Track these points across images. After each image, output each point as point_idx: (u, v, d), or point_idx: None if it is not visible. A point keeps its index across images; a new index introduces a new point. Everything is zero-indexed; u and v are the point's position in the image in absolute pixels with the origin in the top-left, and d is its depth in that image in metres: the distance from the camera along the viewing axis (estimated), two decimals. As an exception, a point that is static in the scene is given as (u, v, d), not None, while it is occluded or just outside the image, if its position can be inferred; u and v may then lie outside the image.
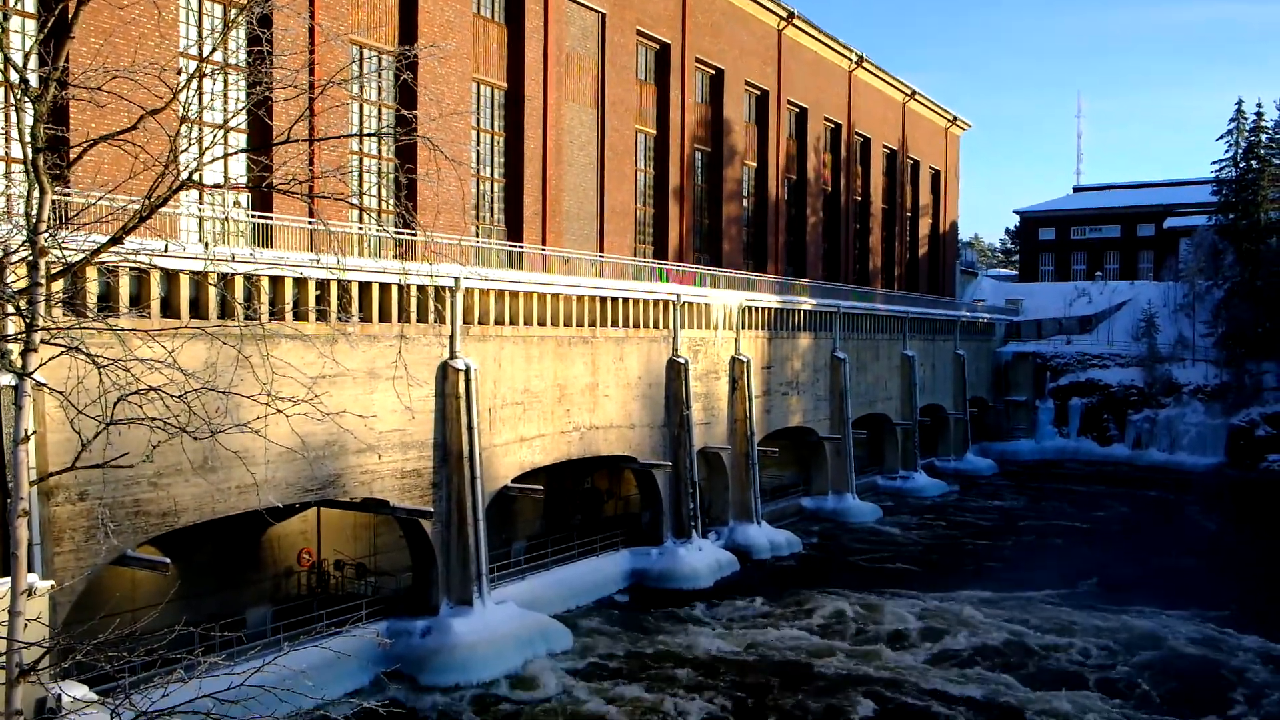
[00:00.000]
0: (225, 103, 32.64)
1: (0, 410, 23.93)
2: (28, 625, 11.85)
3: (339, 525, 38.33)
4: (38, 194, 11.17)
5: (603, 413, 45.56)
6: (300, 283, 31.50)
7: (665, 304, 49.70)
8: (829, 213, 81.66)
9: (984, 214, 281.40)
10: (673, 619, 41.85)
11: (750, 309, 57.26)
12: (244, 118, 32.73)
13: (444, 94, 42.38)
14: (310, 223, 32.45)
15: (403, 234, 35.60)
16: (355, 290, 33.58)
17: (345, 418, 29.86)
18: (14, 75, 11.21)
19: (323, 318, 32.08)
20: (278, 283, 30.94)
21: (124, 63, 28.29)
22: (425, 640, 35.13)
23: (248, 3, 13.91)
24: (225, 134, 30.63)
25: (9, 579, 11.70)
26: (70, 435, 23.95)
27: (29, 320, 11.16)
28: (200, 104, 28.75)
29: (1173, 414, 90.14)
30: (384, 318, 34.75)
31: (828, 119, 79.67)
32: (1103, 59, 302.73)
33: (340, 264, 30.95)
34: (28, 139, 11.22)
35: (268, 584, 35.88)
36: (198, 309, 28.61)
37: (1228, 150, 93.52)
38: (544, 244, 48.78)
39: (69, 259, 11.82)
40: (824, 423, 65.68)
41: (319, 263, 26.73)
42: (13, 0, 27.64)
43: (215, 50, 16.28)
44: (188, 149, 12.81)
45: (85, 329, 15.07)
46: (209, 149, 13.26)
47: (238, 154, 26.37)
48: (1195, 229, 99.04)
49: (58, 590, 24.98)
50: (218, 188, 15.03)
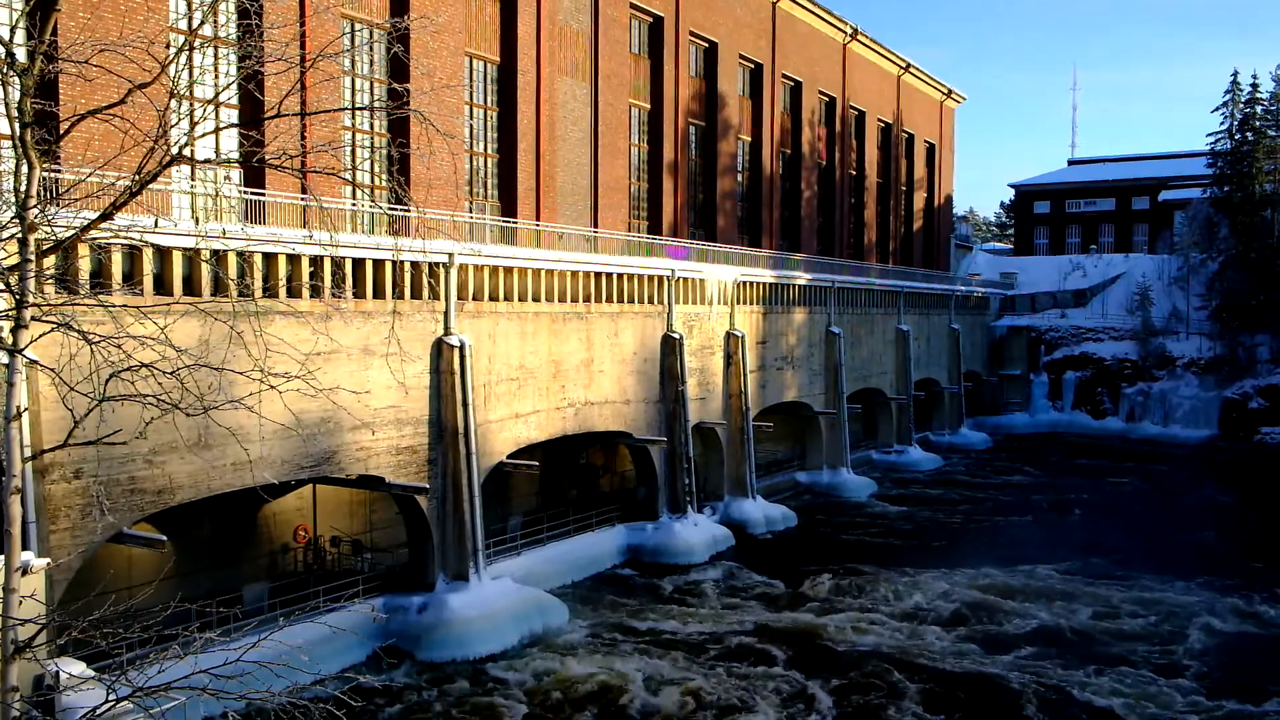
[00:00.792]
0: (215, 77, 32.37)
1: (-7, 388, 23.83)
2: (23, 602, 11.80)
3: (335, 502, 38.34)
4: (26, 169, 11.05)
5: (598, 388, 45.54)
6: (294, 259, 31.36)
7: (660, 279, 49.59)
8: (824, 187, 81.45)
9: (979, 188, 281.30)
10: (668, 594, 41.97)
11: (745, 284, 57.15)
12: (234, 92, 32.51)
13: (436, 68, 42.10)
14: (303, 199, 32.26)
15: (396, 210, 35.43)
16: (349, 267, 33.43)
17: (340, 394, 29.80)
18: (0, 49, 11.08)
19: (316, 294, 31.95)
20: (271, 259, 30.79)
21: (112, 36, 28.03)
22: (422, 616, 35.19)
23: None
24: (216, 109, 30.44)
25: (3, 556, 11.67)
26: (64, 413, 23.90)
27: (19, 297, 11.06)
28: (190, 78, 28.54)
29: (1166, 387, 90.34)
30: (378, 294, 34.63)
31: (822, 93, 79.33)
32: (1099, 32, 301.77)
33: (334, 240, 30.80)
34: (15, 114, 11.10)
35: (264, 561, 35.91)
36: (191, 286, 28.47)
37: (1223, 122, 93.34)
38: (538, 219, 48.61)
39: (59, 235, 11.72)
40: (819, 397, 65.73)
41: (312, 239, 26.59)
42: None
43: (205, 23, 16.10)
44: (178, 124, 12.70)
45: (77, 305, 14.97)
46: (199, 123, 13.14)
47: (228, 129, 26.18)
48: (1190, 202, 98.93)
49: (54, 568, 24.97)
50: (208, 163, 14.90)
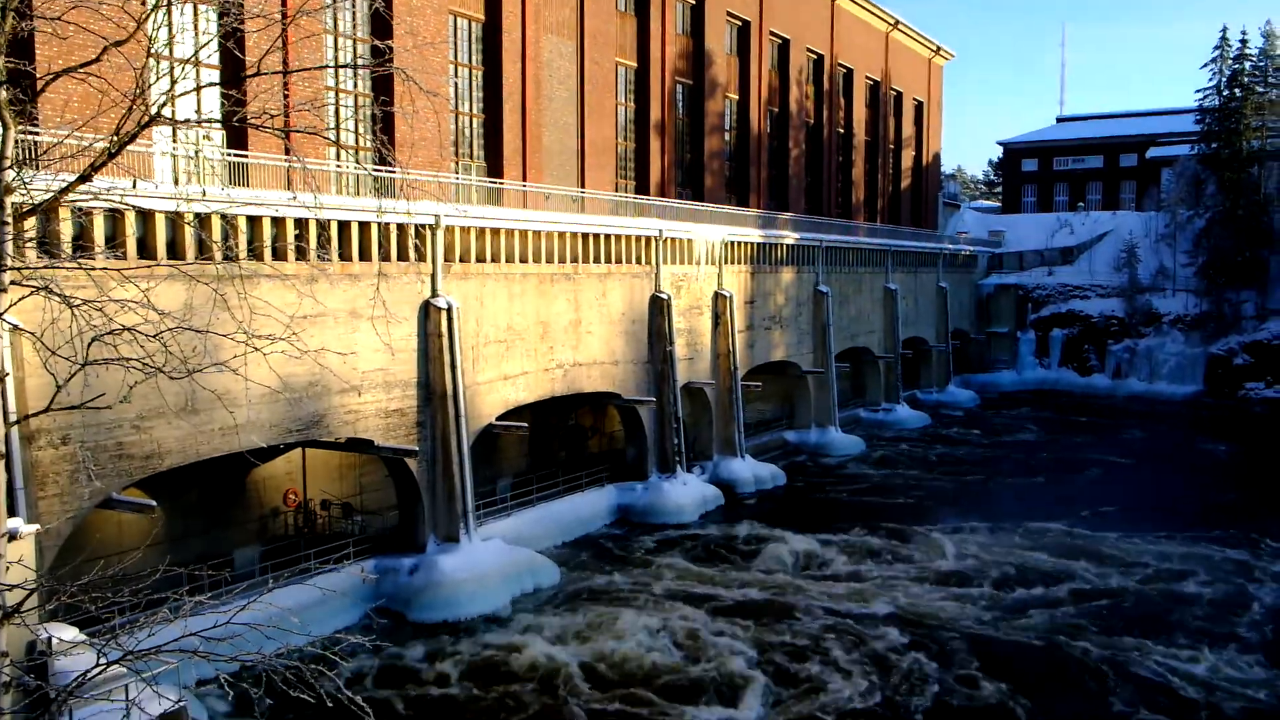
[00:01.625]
0: (195, 35, 31.90)
1: (-23, 354, 23.65)
2: (9, 568, 11.76)
3: (324, 465, 38.32)
4: (0, 130, 10.86)
5: (586, 349, 45.47)
6: (278, 222, 31.10)
7: (648, 240, 49.39)
8: (811, 146, 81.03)
9: (967, 146, 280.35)
10: (658, 553, 42.16)
11: (733, 244, 56.98)
12: (215, 49, 32.06)
13: (420, 26, 41.58)
14: (287, 160, 31.94)
15: (381, 171, 35.12)
16: (334, 229, 33.19)
17: (327, 357, 29.69)
18: (-28, 7, 10.86)
19: (301, 256, 31.73)
20: (255, 222, 30.52)
21: (90, -3, 27.60)
22: (413, 578, 35.31)
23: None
24: (196, 67, 30.03)
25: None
26: (48, 379, 23.73)
27: (-2, 260, 10.92)
28: (169, 36, 28.11)
29: (1152, 344, 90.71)
30: (364, 257, 34.42)
31: (810, 50, 78.72)
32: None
33: (318, 202, 30.52)
34: (-12, 73, 10.90)
35: (255, 525, 35.92)
36: (175, 250, 28.22)
37: (1211, 79, 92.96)
38: (524, 180, 48.27)
39: (37, 198, 11.55)
40: (807, 356, 65.77)
41: (295, 200, 26.36)
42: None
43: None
44: (156, 82, 12.48)
45: (57, 269, 14.82)
46: (178, 82, 12.91)
47: (208, 88, 25.82)
48: (1178, 159, 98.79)
49: (43, 534, 24.91)
50: (188, 124, 14.69)
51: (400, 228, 35.48)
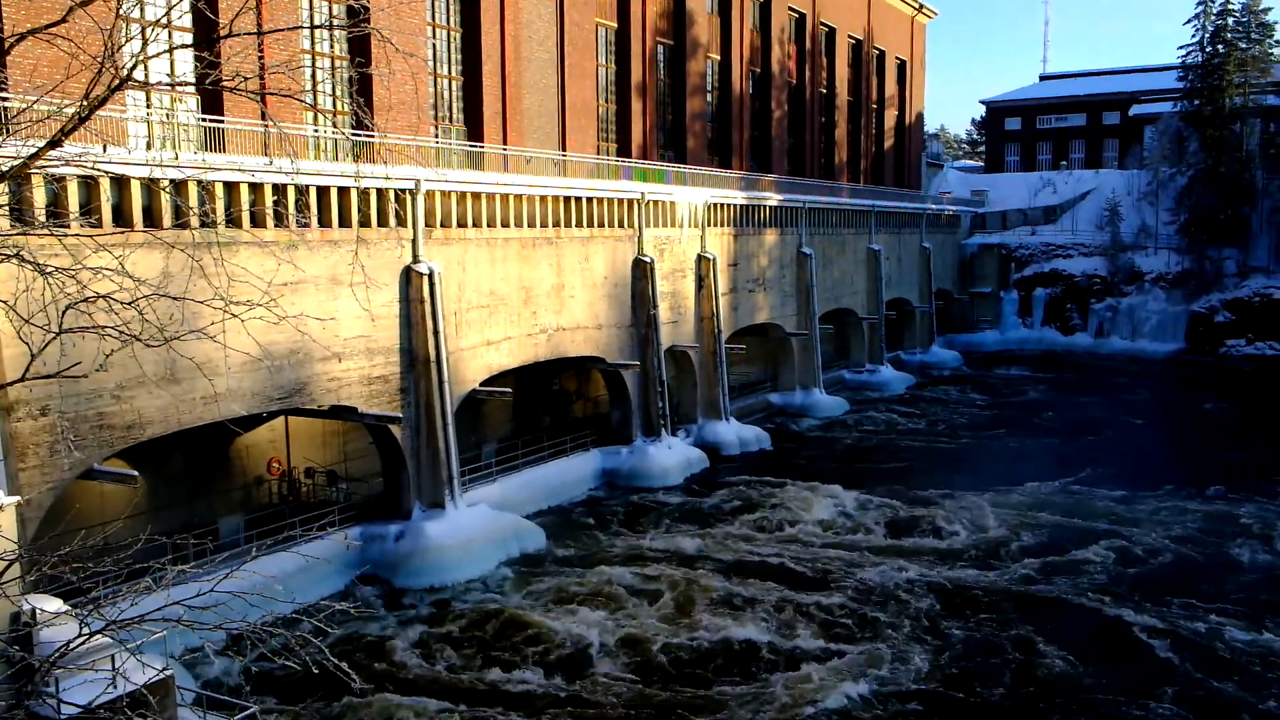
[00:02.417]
0: None
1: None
2: (-11, 539, 11.68)
3: (308, 433, 38.21)
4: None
5: (569, 314, 45.34)
6: (256, 188, 30.79)
7: (630, 203, 49.16)
8: (794, 106, 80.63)
9: (950, 105, 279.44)
10: (644, 516, 42.29)
11: (716, 206, 56.78)
12: (186, 10, 31.59)
13: (396, -11, 41.03)
14: (263, 125, 31.58)
15: (359, 135, 34.78)
16: (313, 195, 32.90)
17: (308, 324, 29.52)
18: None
19: (280, 223, 31.45)
20: (232, 188, 30.20)
21: (58, -40, 27.12)
22: (399, 544, 35.35)
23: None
24: (168, 28, 29.61)
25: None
26: (23, 348, 23.50)
27: (-33, 228, 10.75)
28: None
29: (1135, 302, 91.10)
30: (344, 223, 34.13)
31: (792, 9, 78.16)
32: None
33: (295, 168, 30.21)
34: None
35: (239, 494, 35.85)
36: (151, 217, 27.91)
37: (1194, 35, 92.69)
38: (505, 144, 47.91)
39: (5, 164, 11.36)
40: (791, 319, 65.79)
41: (273, 165, 26.07)
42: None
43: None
44: (127, 44, 12.26)
45: (29, 236, 14.63)
46: (149, 44, 12.70)
47: (180, 49, 25.46)
48: (1161, 116, 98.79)
49: (24, 505, 24.78)
50: (160, 87, 14.46)
51: (380, 193, 35.19)
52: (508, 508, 39.77)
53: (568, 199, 44.99)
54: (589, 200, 46.40)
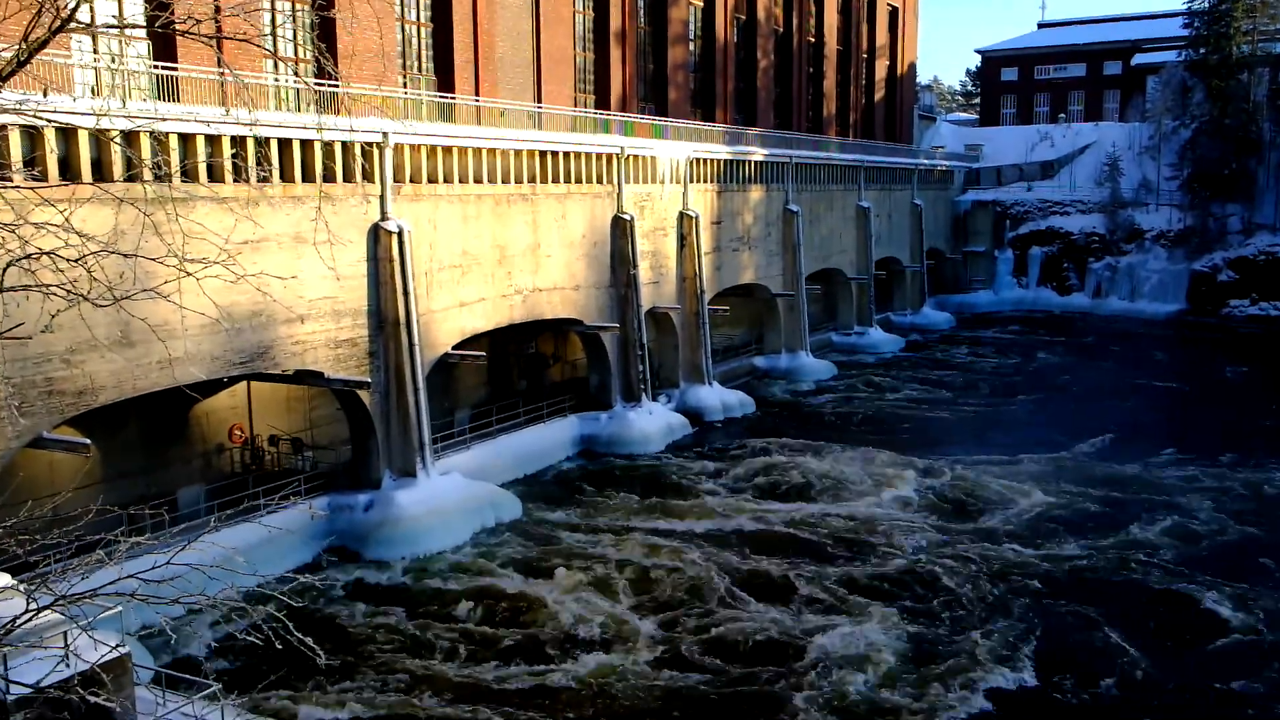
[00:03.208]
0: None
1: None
2: (-71, 511, 11.53)
3: (271, 399, 38.00)
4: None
5: (546, 274, 45.14)
6: (213, 140, 30.39)
7: (609, 158, 48.83)
8: (780, 56, 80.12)
9: (944, 55, 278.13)
10: (624, 484, 42.32)
11: (698, 161, 56.49)
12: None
13: (360, -71, 40.41)
14: (219, 73, 31.12)
15: (322, 85, 34.33)
16: (274, 148, 32.52)
17: (271, 285, 29.26)
18: None
19: (239, 176, 31.09)
20: (188, 140, 29.80)
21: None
22: (368, 514, 35.31)
23: None
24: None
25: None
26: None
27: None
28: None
29: (1134, 261, 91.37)
30: (308, 177, 33.78)
31: (778, -47, 77.54)
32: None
33: (254, 118, 29.80)
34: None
35: (198, 462, 35.66)
36: (100, 170, 27.53)
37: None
38: (477, 95, 47.45)
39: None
40: (776, 279, 65.71)
41: (229, 116, 25.72)
42: None
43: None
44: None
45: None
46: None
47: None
48: (1164, 66, 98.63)
49: (-29, 475, 24.56)
50: (106, 29, 14.17)
51: (345, 146, 34.81)
52: (482, 476, 39.74)
53: (544, 153, 44.65)
54: (566, 155, 46.06)
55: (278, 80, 36.06)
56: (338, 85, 33.85)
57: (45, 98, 23.97)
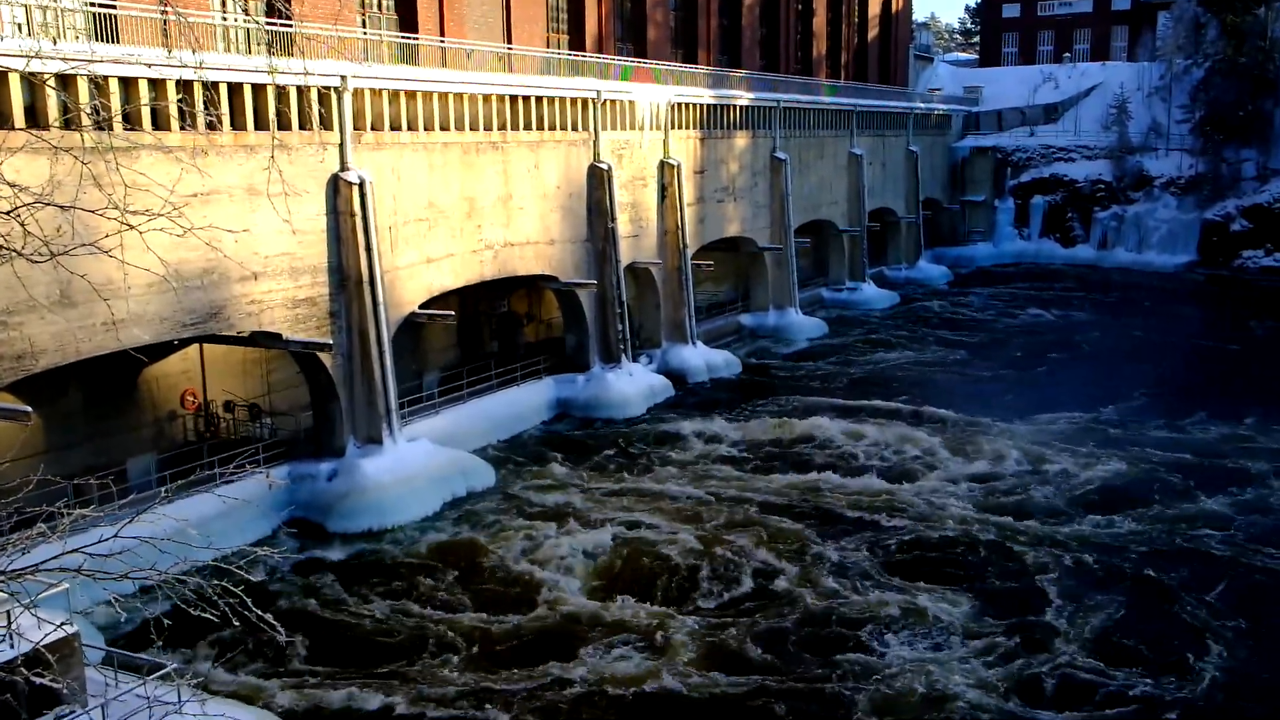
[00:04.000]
0: None
1: None
2: None
3: (226, 363, 37.85)
4: None
5: (518, 228, 44.93)
6: (156, 84, 30.03)
7: (585, 103, 48.49)
8: (767, -8, 79.61)
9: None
10: (603, 450, 42.36)
11: (680, 106, 56.16)
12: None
13: None
14: (162, 11, 30.68)
15: (275, 24, 33.90)
16: (223, 92, 32.16)
17: (221, 239, 28.93)
18: None
19: (186, 124, 30.75)
20: (129, 85, 29.43)
21: None
22: (332, 484, 35.29)
23: None
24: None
25: None
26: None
27: None
28: None
29: (1142, 210, 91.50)
30: (261, 125, 33.44)
31: (764, -119, 76.87)
32: None
33: (200, 61, 29.40)
34: None
35: (149, 430, 35.52)
36: (34, 116, 27.18)
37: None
38: (442, 35, 47.00)
39: None
40: (763, 231, 65.62)
41: (173, 57, 25.38)
42: None
43: None
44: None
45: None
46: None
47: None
48: (1176, 0, 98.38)
49: (-96, 446, 24.39)
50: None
51: (300, 91, 34.44)
52: (453, 442, 39.73)
53: (514, 98, 44.30)
54: (538, 100, 45.72)
55: (226, 19, 35.59)
56: (291, 24, 33.46)
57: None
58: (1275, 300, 76.21)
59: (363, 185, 36.17)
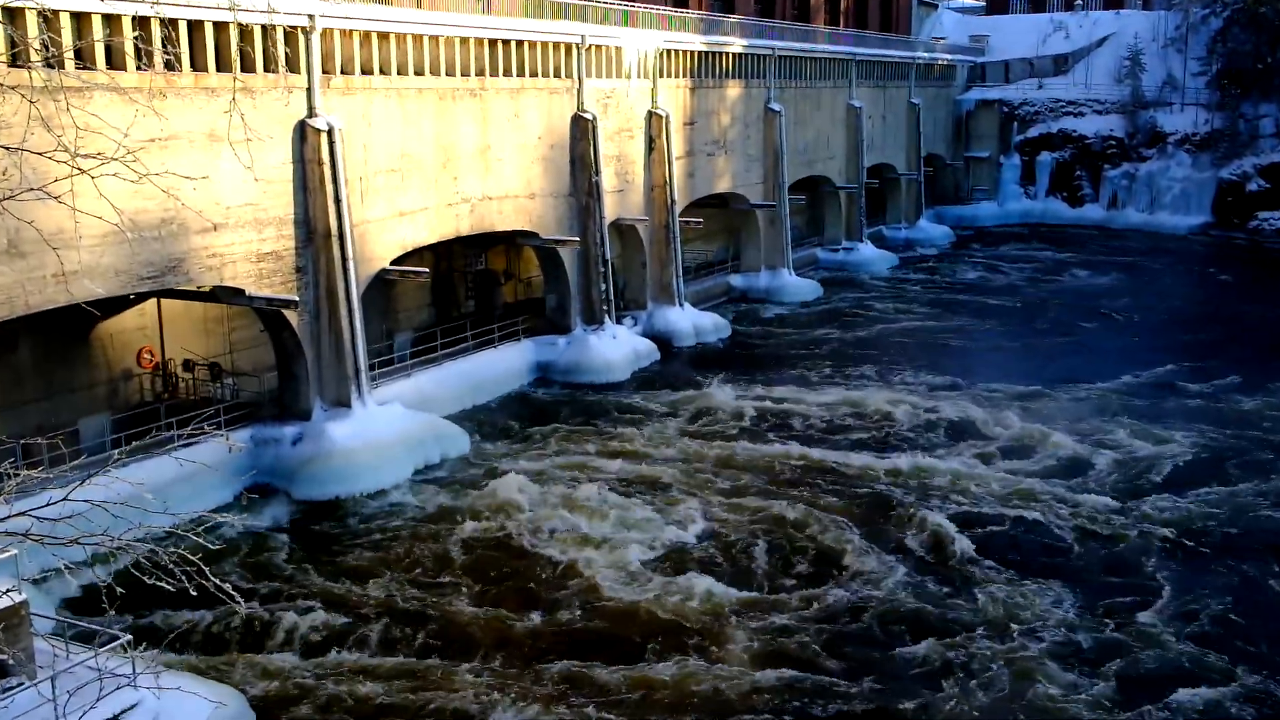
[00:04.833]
0: None
1: None
2: None
3: (186, 319, 37.68)
4: None
5: (497, 181, 44.73)
6: (111, 20, 29.67)
7: (568, 47, 48.19)
8: (763, -67, 79.09)
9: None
10: (584, 417, 42.36)
11: (669, 53, 55.87)
12: None
13: None
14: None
15: (237, -41, 33.40)
16: (183, 30, 31.79)
17: (180, 188, 28.67)
18: None
19: (143, 63, 30.41)
20: (81, 20, 29.06)
21: None
22: (297, 449, 35.24)
23: None
24: None
25: None
26: None
27: None
28: None
29: (1155, 168, 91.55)
30: (223, 66, 33.12)
31: None
32: None
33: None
34: None
35: (103, 389, 35.38)
36: (-19, 55, 26.85)
37: None
38: (417, -27, 46.55)
39: None
40: (756, 187, 65.48)
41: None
42: None
43: None
44: None
45: None
46: None
47: None
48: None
49: None
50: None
51: (265, 30, 34.11)
52: (425, 407, 39.69)
53: (494, 42, 44.01)
54: (519, 44, 45.42)
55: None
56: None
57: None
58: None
59: (331, 132, 35.91)
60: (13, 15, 26.13)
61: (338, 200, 36.17)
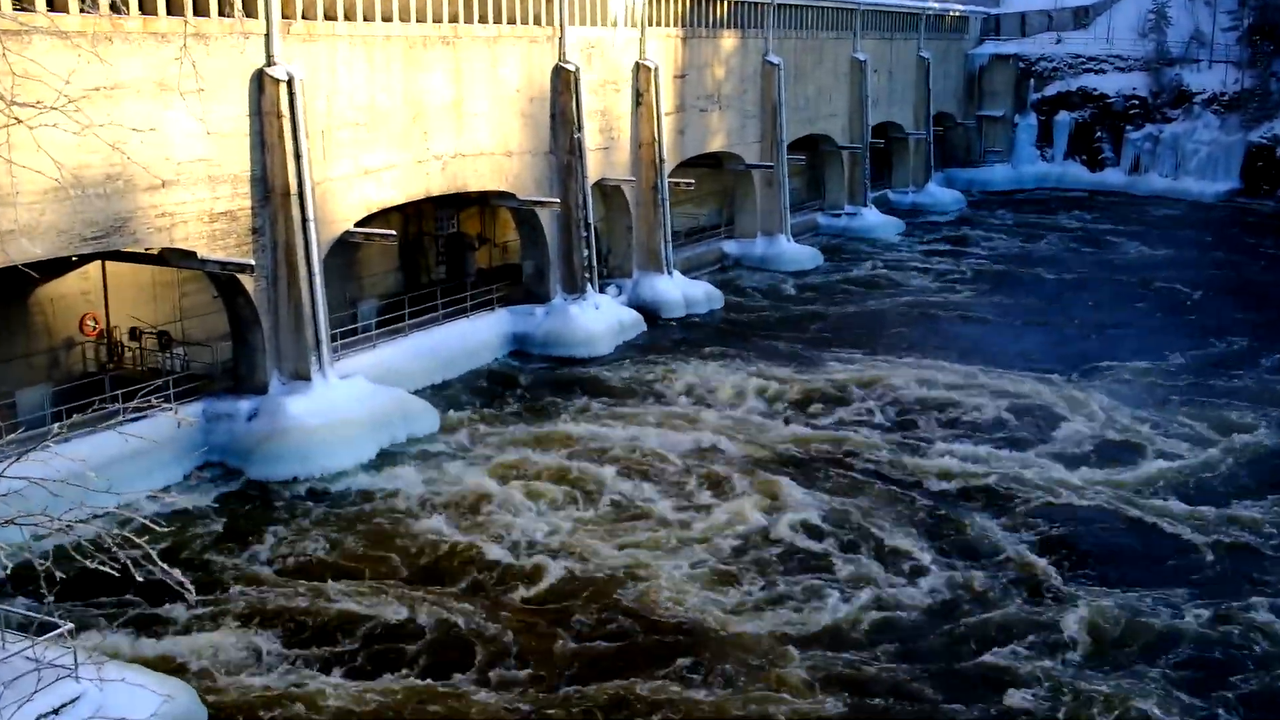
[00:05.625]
0: None
1: None
2: None
3: (133, 284, 37.63)
4: None
5: (471, 137, 44.63)
6: (51, -42, 29.52)
7: (549, -9, 48.09)
8: None
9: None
10: (563, 393, 42.41)
11: (659, 0, 55.84)
12: None
13: None
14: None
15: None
16: (129, -31, 31.64)
17: (127, 141, 28.62)
18: None
19: (87, 6, 30.26)
20: (19, -42, 28.91)
21: None
22: (252, 425, 35.24)
23: None
24: None
25: None
26: None
27: None
28: None
29: (1179, 130, 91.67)
30: (173, 9, 32.97)
31: None
32: None
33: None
34: None
35: (42, 359, 35.34)
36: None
37: None
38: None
39: None
40: (752, 147, 65.44)
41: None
42: None
43: None
44: None
45: None
46: None
47: None
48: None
49: None
50: None
51: (219, -30, 33.97)
52: (392, 381, 39.70)
53: (468, -15, 43.95)
54: (495, -13, 45.36)
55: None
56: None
57: None
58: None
59: (291, 83, 35.78)
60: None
61: (298, 156, 36.08)
